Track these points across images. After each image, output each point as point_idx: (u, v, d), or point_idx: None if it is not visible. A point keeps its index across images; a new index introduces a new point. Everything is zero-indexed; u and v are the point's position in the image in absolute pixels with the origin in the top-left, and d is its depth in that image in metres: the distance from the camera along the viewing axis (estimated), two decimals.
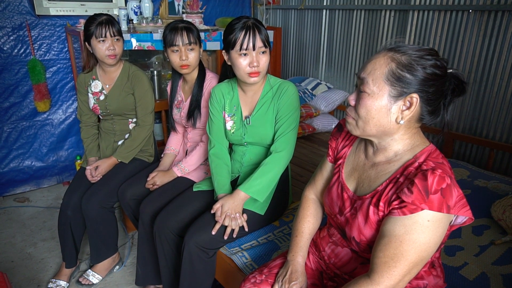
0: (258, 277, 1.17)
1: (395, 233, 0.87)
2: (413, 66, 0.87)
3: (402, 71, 0.87)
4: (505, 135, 2.12)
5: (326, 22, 3.04)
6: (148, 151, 2.06)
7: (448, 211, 0.84)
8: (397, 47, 0.90)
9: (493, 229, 1.55)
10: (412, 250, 0.85)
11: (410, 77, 0.87)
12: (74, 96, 2.88)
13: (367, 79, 0.91)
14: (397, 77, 0.87)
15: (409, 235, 0.85)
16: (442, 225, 0.86)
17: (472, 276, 1.31)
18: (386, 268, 0.87)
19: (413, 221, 0.85)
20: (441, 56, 0.90)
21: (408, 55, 0.88)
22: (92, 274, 1.96)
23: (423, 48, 0.89)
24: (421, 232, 0.85)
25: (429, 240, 0.85)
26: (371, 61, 0.92)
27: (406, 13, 2.44)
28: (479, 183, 1.86)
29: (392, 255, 0.87)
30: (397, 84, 0.88)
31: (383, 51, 0.92)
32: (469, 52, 2.19)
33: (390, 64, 0.88)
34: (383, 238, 0.89)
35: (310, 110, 2.77)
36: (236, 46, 1.39)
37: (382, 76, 0.89)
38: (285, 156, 1.50)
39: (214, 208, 1.45)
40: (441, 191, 0.83)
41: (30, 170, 2.88)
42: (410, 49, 0.89)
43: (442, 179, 0.84)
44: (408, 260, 0.86)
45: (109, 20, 1.81)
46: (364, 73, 0.92)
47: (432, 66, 0.87)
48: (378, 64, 0.90)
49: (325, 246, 1.16)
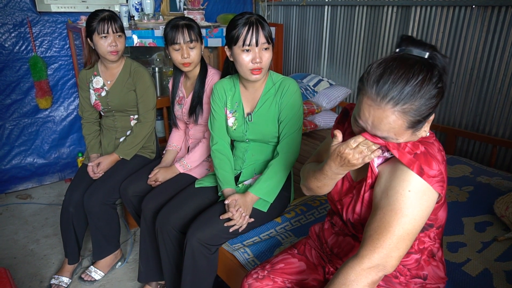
0: (261, 273, 1.17)
1: (380, 205, 0.88)
2: (424, 108, 0.82)
3: (418, 116, 0.83)
4: (508, 131, 2.11)
5: (328, 18, 3.03)
6: (149, 147, 2.06)
7: (420, 173, 0.84)
8: (398, 100, 0.81)
9: (496, 225, 1.55)
10: (395, 221, 0.85)
11: (425, 113, 0.83)
12: (76, 93, 2.88)
13: (389, 136, 0.85)
14: (414, 123, 0.84)
15: (391, 206, 0.86)
16: (426, 197, 0.86)
17: (475, 272, 1.31)
18: (370, 241, 0.87)
19: (394, 191, 0.86)
20: (437, 65, 0.84)
21: (415, 104, 0.81)
22: (95, 271, 1.96)
23: (418, 82, 0.80)
24: (403, 203, 0.85)
25: (412, 212, 0.85)
26: (382, 120, 0.82)
27: (409, 9, 2.42)
28: (482, 179, 1.86)
29: (376, 228, 0.87)
30: (417, 124, 0.85)
31: (386, 105, 0.81)
32: (472, 48, 2.17)
33: (403, 118, 0.82)
34: (371, 213, 0.91)
35: (312, 107, 2.76)
36: (239, 42, 1.38)
37: (403, 128, 0.84)
38: (290, 157, 1.52)
39: (229, 198, 1.46)
40: (414, 155, 0.86)
41: (32, 167, 2.88)
42: (412, 96, 0.81)
43: (416, 146, 0.87)
44: (391, 232, 0.85)
45: (111, 16, 1.80)
46: (381, 133, 0.85)
47: (437, 94, 0.83)
48: (393, 123, 0.82)
49: (327, 238, 1.17)
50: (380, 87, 0.81)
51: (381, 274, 0.87)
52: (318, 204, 1.75)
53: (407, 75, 0.81)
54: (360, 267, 0.86)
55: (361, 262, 0.87)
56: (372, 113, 0.83)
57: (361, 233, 1.02)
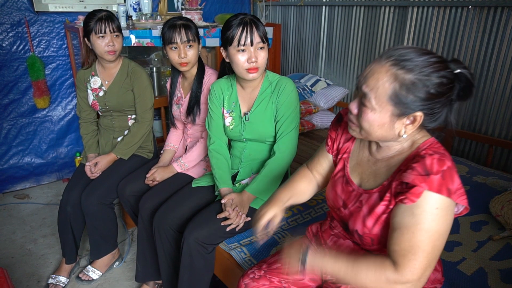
0: (257, 273, 1.18)
1: (406, 224, 0.86)
2: (417, 87, 0.83)
3: (406, 93, 0.83)
4: (504, 131, 2.12)
5: (325, 18, 3.04)
6: (147, 147, 2.06)
7: (449, 194, 0.83)
8: (402, 61, 0.84)
9: (491, 224, 1.56)
10: (426, 240, 0.84)
11: (414, 98, 0.83)
12: (74, 93, 2.88)
13: (369, 95, 0.87)
14: (400, 99, 0.84)
15: (420, 225, 0.84)
16: (450, 212, 0.85)
17: (470, 271, 1.32)
18: (407, 261, 0.85)
19: (421, 210, 0.84)
20: (448, 64, 0.85)
21: (413, 74, 0.82)
22: (92, 270, 1.97)
23: (430, 61, 0.83)
24: (432, 221, 0.84)
25: (440, 228, 0.84)
26: (374, 74, 0.86)
27: (406, 9, 2.43)
28: (478, 179, 1.87)
29: (409, 248, 0.85)
30: (400, 105, 0.85)
31: (386, 62, 0.85)
32: (468, 48, 2.18)
33: (393, 84, 0.84)
34: (395, 231, 0.88)
35: (310, 107, 2.77)
36: (234, 42, 1.39)
37: (385, 95, 0.85)
38: (287, 156, 1.52)
39: (226, 198, 1.47)
40: (442, 173, 0.83)
41: (29, 167, 2.88)
42: (416, 65, 0.83)
43: (442, 161, 0.84)
44: (425, 251, 0.84)
45: (108, 16, 1.81)
46: (366, 87, 0.87)
47: (437, 86, 0.83)
48: (381, 81, 0.85)
49: (326, 239, 1.16)
50: (392, 49, 0.87)
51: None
52: (315, 204, 1.75)
53: (424, 51, 0.85)
54: (394, 280, 0.86)
55: (399, 276, 0.85)
56: (372, 67, 0.88)
57: (369, 246, 1.01)
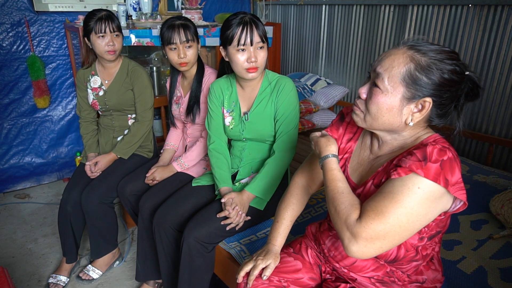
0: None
1: (384, 190, 0.85)
2: (431, 70, 0.84)
3: (420, 74, 0.84)
4: (505, 130, 2.12)
5: (325, 17, 3.03)
6: (147, 147, 2.06)
7: (446, 185, 0.80)
8: (418, 46, 0.87)
9: (491, 223, 1.56)
10: (393, 209, 0.81)
11: (427, 80, 0.84)
12: (74, 93, 2.88)
13: (383, 75, 0.88)
14: (413, 79, 0.85)
15: (393, 193, 0.82)
16: (434, 199, 0.82)
17: (469, 270, 1.32)
18: (367, 217, 0.83)
19: (403, 183, 0.82)
20: (461, 61, 0.87)
21: (428, 57, 0.85)
22: (92, 269, 1.97)
23: (444, 50, 0.86)
24: (407, 196, 0.81)
25: (414, 209, 0.81)
26: (390, 57, 0.88)
27: (406, 8, 2.43)
28: (478, 178, 1.87)
29: (375, 208, 0.83)
30: (412, 86, 0.85)
31: (403, 47, 0.88)
32: (468, 46, 2.18)
33: (408, 64, 0.85)
34: (374, 194, 0.88)
35: (310, 106, 2.77)
36: (233, 42, 1.39)
37: (399, 76, 0.86)
38: (287, 155, 1.52)
39: (226, 197, 1.47)
40: (441, 162, 0.81)
41: (30, 167, 2.89)
42: (431, 51, 0.85)
43: (443, 151, 0.82)
44: (386, 219, 0.81)
45: (108, 16, 1.81)
46: (380, 68, 0.89)
47: (450, 72, 0.84)
48: (396, 62, 0.86)
49: (325, 240, 1.16)
50: (411, 38, 0.90)
51: (352, 243, 0.84)
52: (315, 203, 1.75)
53: (443, 48, 0.86)
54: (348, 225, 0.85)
55: (353, 226, 0.84)
56: (389, 51, 0.90)
57: None
